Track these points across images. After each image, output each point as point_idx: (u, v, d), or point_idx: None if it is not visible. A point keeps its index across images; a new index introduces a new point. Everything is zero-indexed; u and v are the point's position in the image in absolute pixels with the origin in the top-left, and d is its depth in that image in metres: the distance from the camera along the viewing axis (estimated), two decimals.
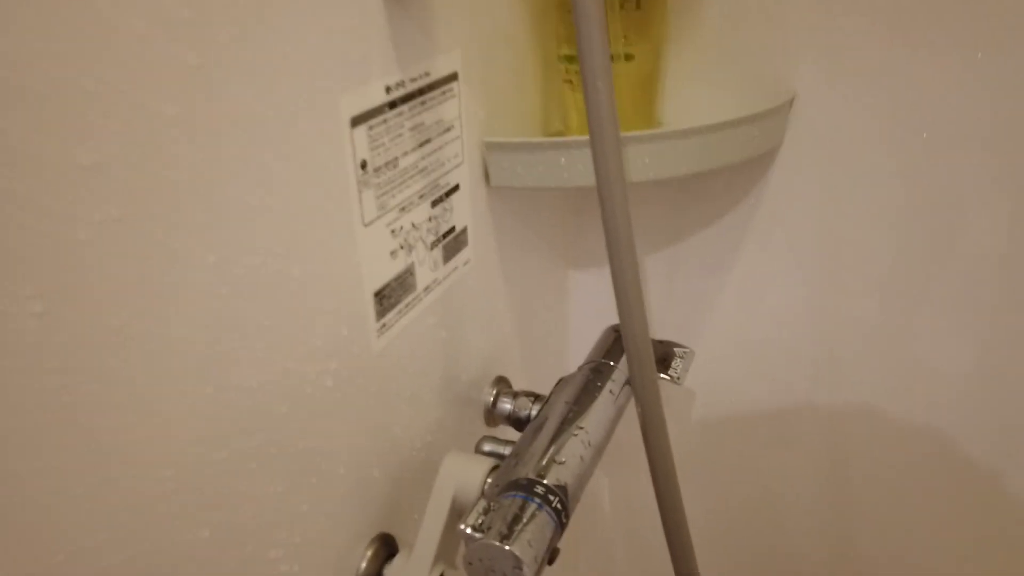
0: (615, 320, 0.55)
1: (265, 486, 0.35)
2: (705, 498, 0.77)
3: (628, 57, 0.55)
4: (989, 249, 0.57)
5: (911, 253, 0.60)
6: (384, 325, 0.42)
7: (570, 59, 0.55)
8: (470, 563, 0.38)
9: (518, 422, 0.54)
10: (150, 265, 0.27)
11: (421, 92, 0.42)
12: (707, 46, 0.58)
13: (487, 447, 0.50)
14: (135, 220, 0.26)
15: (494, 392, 0.56)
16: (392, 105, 0.39)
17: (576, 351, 0.75)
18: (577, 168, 0.49)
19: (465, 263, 0.50)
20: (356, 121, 0.37)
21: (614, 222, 0.37)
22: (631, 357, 0.41)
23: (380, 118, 0.39)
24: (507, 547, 0.36)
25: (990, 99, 0.53)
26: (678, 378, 0.50)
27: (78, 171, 0.24)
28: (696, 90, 0.60)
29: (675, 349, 0.52)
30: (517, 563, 0.36)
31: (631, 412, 0.49)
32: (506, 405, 0.55)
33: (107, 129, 0.25)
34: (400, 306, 0.43)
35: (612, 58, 0.54)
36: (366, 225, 0.39)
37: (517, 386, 0.58)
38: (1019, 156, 0.54)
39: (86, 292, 0.25)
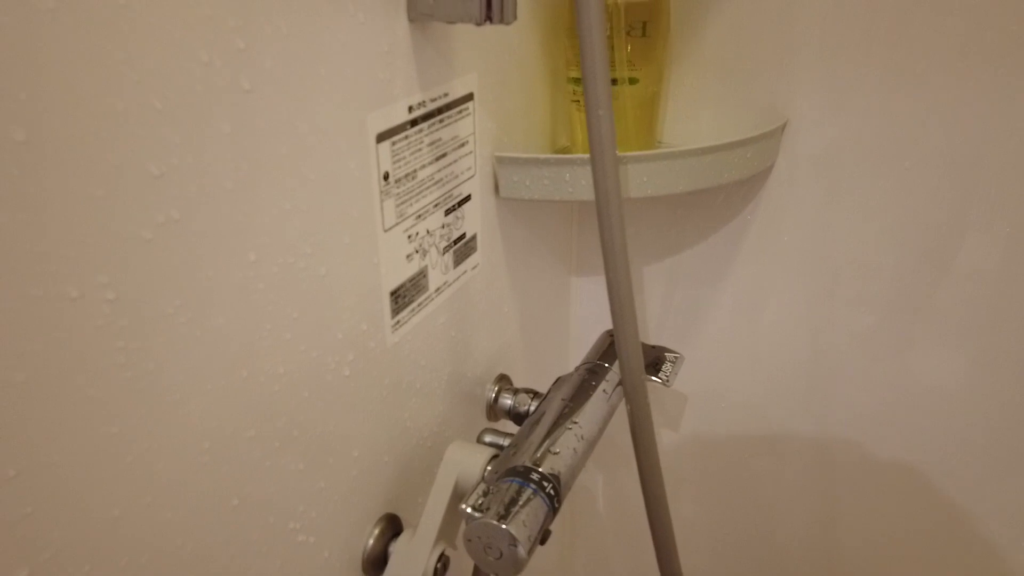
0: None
1: (287, 463, 0.39)
2: (697, 501, 0.81)
3: (632, 81, 0.59)
4: (979, 267, 0.61)
5: (902, 269, 0.63)
6: (398, 322, 0.46)
7: (577, 81, 0.59)
8: (469, 540, 0.41)
9: (518, 417, 0.58)
10: (200, 261, 0.31)
11: (440, 111, 0.46)
12: (707, 71, 0.62)
13: (488, 438, 0.54)
14: (190, 222, 0.30)
15: (496, 389, 0.60)
16: (414, 123, 0.43)
17: (576, 353, 0.79)
18: (580, 183, 0.53)
19: (474, 267, 0.54)
20: (381, 137, 0.41)
21: (610, 235, 0.41)
22: (622, 359, 0.45)
23: (402, 134, 0.43)
24: (504, 526, 0.40)
25: (972, 128, 0.56)
26: (667, 380, 0.54)
27: (149, 179, 0.28)
28: (696, 111, 0.64)
29: (666, 354, 0.56)
30: (512, 541, 0.40)
31: (624, 412, 0.52)
32: (507, 401, 0.59)
33: (172, 143, 0.29)
34: (413, 305, 0.47)
35: (617, 81, 0.58)
36: (386, 230, 0.43)
37: (518, 384, 0.62)
38: (1010, 179, 0.57)
39: (147, 283, 0.29)
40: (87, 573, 0.29)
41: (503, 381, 0.61)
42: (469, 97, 0.49)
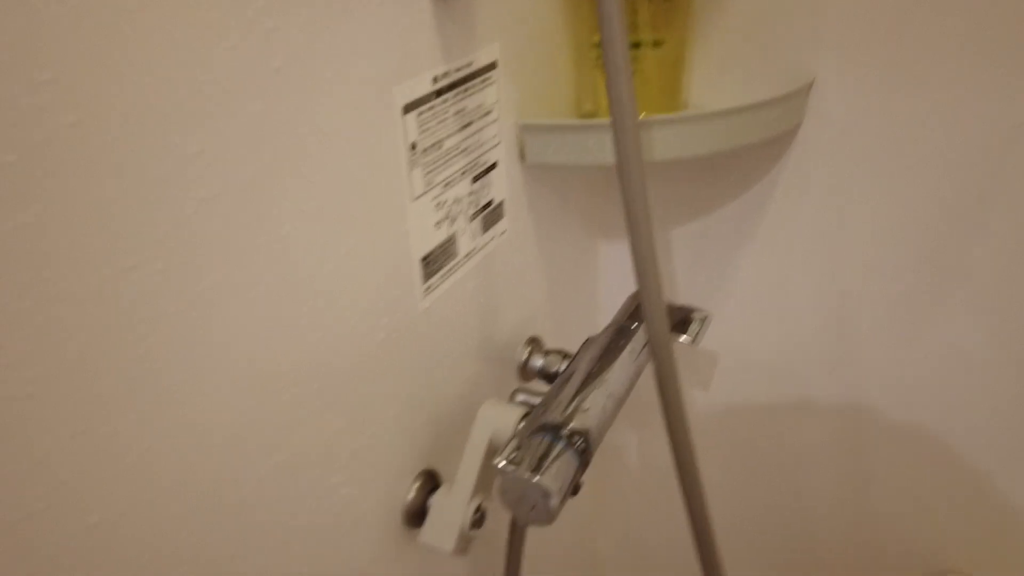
0: None
1: (328, 422, 0.42)
2: (724, 463, 0.82)
3: (657, 43, 0.59)
4: (1011, 229, 0.60)
5: (931, 236, 0.63)
6: (429, 287, 0.48)
7: (600, 46, 0.60)
8: (504, 492, 0.44)
9: (549, 377, 0.60)
10: (239, 234, 0.33)
11: (464, 80, 0.47)
12: (732, 32, 0.62)
13: (520, 397, 0.56)
14: (228, 197, 0.32)
15: (527, 350, 0.62)
16: (438, 93, 0.45)
17: (604, 314, 0.80)
18: (605, 148, 0.54)
19: (502, 233, 0.56)
20: (408, 108, 0.42)
21: (631, 195, 0.42)
22: (646, 318, 0.46)
23: (428, 105, 0.44)
24: (536, 479, 0.42)
25: (997, 97, 0.55)
26: (695, 339, 0.55)
27: (187, 158, 0.30)
28: (721, 72, 0.64)
29: (693, 313, 0.57)
30: (544, 492, 0.42)
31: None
32: (538, 361, 0.60)
33: (208, 122, 0.31)
34: (443, 271, 0.49)
35: (641, 44, 0.59)
36: (415, 199, 0.45)
37: (550, 345, 0.64)
38: None
39: (192, 254, 0.31)
40: (147, 525, 0.32)
41: (534, 343, 0.62)
42: (492, 66, 0.50)
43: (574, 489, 0.45)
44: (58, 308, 0.26)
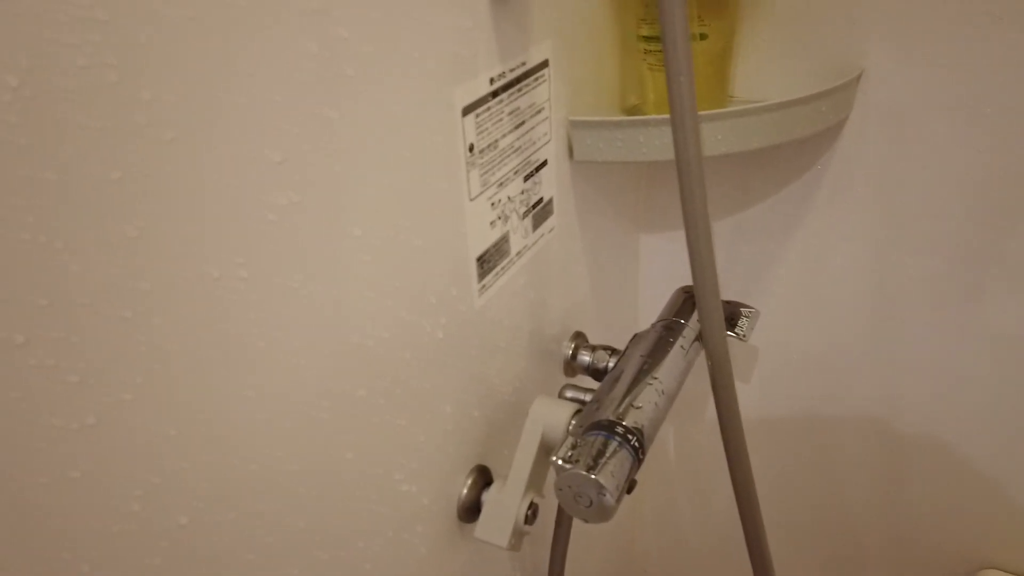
0: (682, 280, 0.61)
1: (392, 419, 0.42)
2: (762, 453, 0.82)
3: (703, 36, 0.59)
4: None
5: (976, 223, 0.63)
6: (484, 286, 0.49)
7: (648, 39, 0.59)
8: (560, 489, 0.44)
9: (596, 372, 0.60)
10: (317, 238, 0.34)
11: (518, 80, 0.47)
12: (778, 23, 0.62)
13: (569, 393, 0.56)
14: (308, 203, 0.33)
15: (573, 345, 0.62)
16: (495, 94, 0.45)
17: (645, 308, 0.80)
18: (654, 144, 0.54)
19: (551, 230, 0.56)
20: (466, 110, 0.43)
21: (691, 196, 0.42)
22: (703, 316, 0.46)
23: (485, 106, 0.44)
24: (593, 476, 0.43)
25: None
26: (744, 335, 0.55)
27: (271, 166, 0.31)
28: (767, 65, 0.63)
29: (742, 309, 0.57)
30: (602, 490, 0.43)
31: (698, 369, 0.54)
32: (585, 357, 0.61)
33: (290, 131, 0.31)
34: (497, 269, 0.50)
35: None
36: (472, 200, 0.45)
37: (592, 340, 0.64)
38: None
39: (274, 260, 0.32)
40: (232, 520, 0.32)
41: (579, 338, 0.63)
42: (545, 64, 0.50)
43: (629, 487, 0.46)
44: (155, 318, 0.27)
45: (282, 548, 0.36)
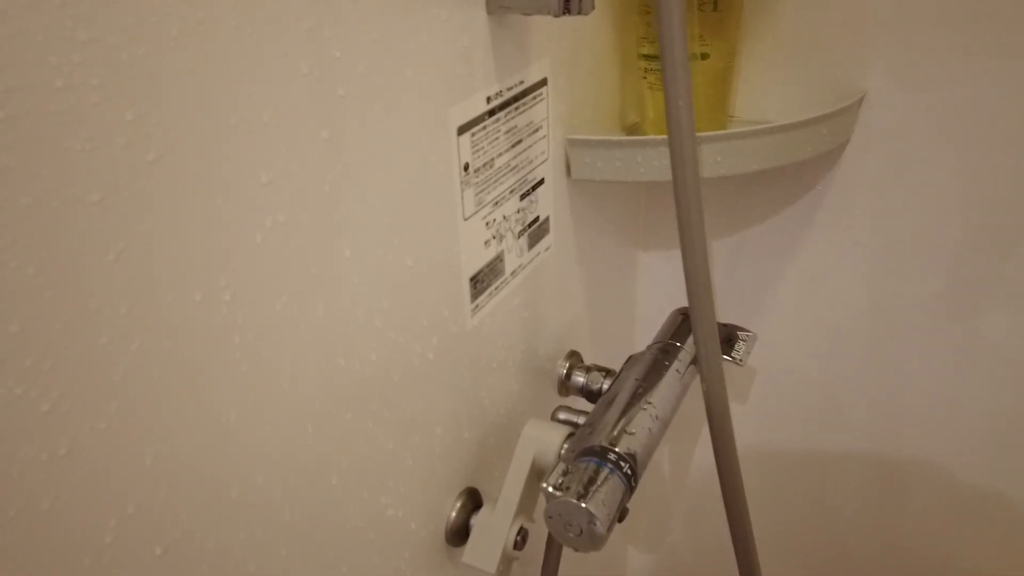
0: (680, 302, 0.60)
1: (380, 443, 0.41)
2: (759, 474, 0.81)
3: (704, 56, 0.58)
4: None
5: (973, 246, 0.62)
6: (477, 306, 0.48)
7: (648, 58, 0.59)
8: (550, 517, 0.43)
9: (590, 394, 0.59)
10: (304, 259, 0.33)
11: (515, 99, 0.46)
12: (781, 44, 0.61)
13: (562, 416, 0.55)
14: (295, 224, 0.32)
15: (567, 365, 0.61)
16: (491, 113, 0.44)
17: (641, 329, 0.79)
18: (652, 165, 0.53)
19: (546, 249, 0.55)
20: (462, 129, 0.42)
21: (687, 219, 0.41)
22: (699, 340, 0.45)
23: (481, 125, 0.44)
24: (583, 505, 0.42)
25: None
26: (740, 360, 0.54)
27: (257, 187, 0.30)
28: (769, 86, 0.63)
29: (739, 332, 0.56)
30: (592, 519, 0.42)
31: (693, 389, 0.53)
32: (579, 378, 0.60)
33: (278, 151, 0.30)
34: (491, 289, 0.49)
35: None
36: (466, 219, 0.44)
37: (587, 360, 0.64)
38: None
39: (259, 282, 0.31)
40: (212, 549, 0.32)
41: (574, 358, 0.62)
42: (543, 82, 0.49)
43: (621, 515, 0.45)
44: (133, 344, 0.26)
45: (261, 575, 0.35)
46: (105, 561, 0.27)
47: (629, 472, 0.45)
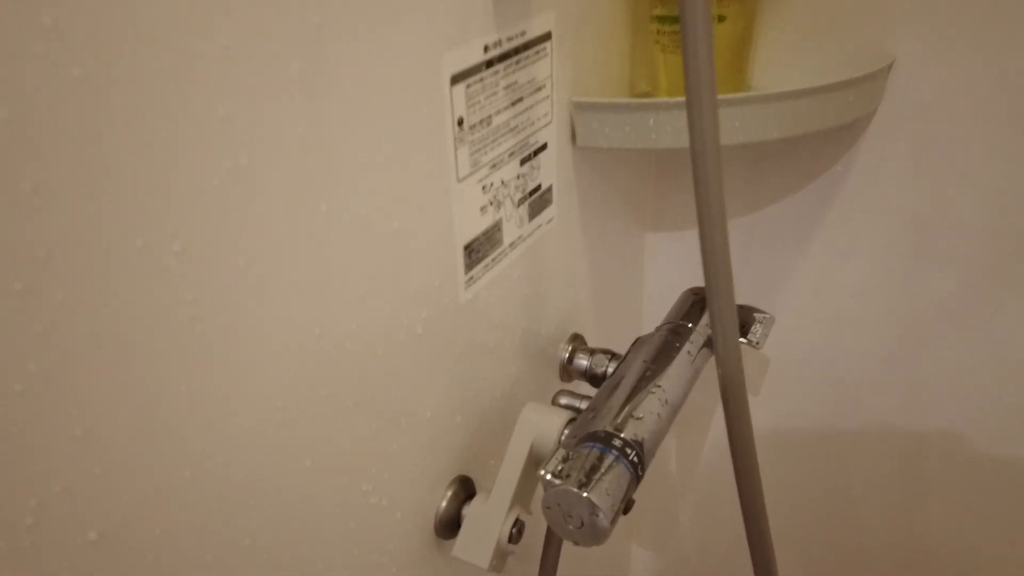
0: (689, 283, 0.56)
1: (361, 424, 0.38)
2: (773, 464, 0.77)
3: (720, 18, 0.54)
4: None
5: (1002, 233, 0.58)
6: (471, 278, 0.44)
7: (662, 19, 0.55)
8: (549, 508, 0.39)
9: (594, 378, 0.55)
10: (271, 210, 0.29)
11: (516, 51, 0.42)
12: (804, 5, 0.57)
13: (563, 400, 0.51)
14: (259, 168, 0.28)
15: (570, 348, 0.57)
16: (489, 64, 0.40)
17: (649, 311, 0.75)
18: (665, 130, 0.49)
19: (548, 221, 0.51)
20: (456, 79, 0.38)
21: (706, 185, 0.37)
22: (715, 318, 0.41)
23: (477, 76, 0.40)
24: (585, 494, 0.38)
25: None
26: (757, 343, 0.50)
27: (216, 122, 0.26)
28: (789, 52, 0.58)
29: (755, 315, 0.52)
30: (594, 510, 0.38)
31: (704, 376, 0.49)
32: (582, 361, 0.56)
33: (240, 82, 0.26)
34: (487, 260, 0.45)
35: None
36: (460, 181, 0.40)
37: (591, 343, 0.60)
38: None
39: (217, 234, 0.27)
40: (158, 537, 0.28)
41: (577, 340, 0.58)
42: (547, 37, 0.45)
43: (626, 507, 0.41)
44: (57, 293, 0.22)
45: (222, 568, 0.31)
46: (25, 545, 0.23)
47: (636, 460, 0.41)
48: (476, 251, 0.44)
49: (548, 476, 0.39)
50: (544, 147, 0.48)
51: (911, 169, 0.59)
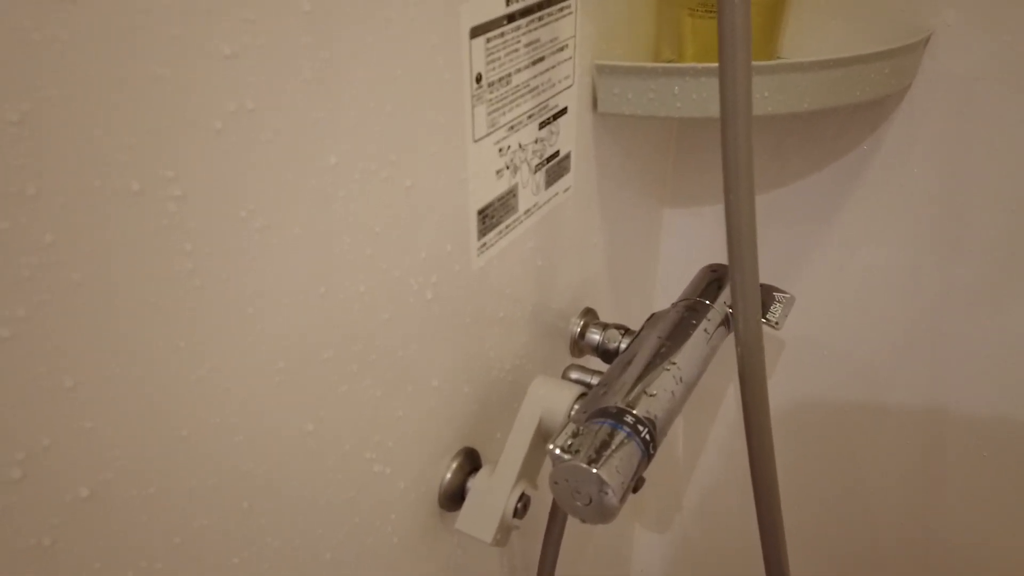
0: (704, 261, 0.54)
1: (365, 389, 0.36)
2: (787, 451, 0.76)
3: None
4: None
5: None
6: (484, 244, 0.42)
7: None
8: (556, 483, 0.38)
9: (606, 354, 0.54)
10: (277, 159, 0.28)
11: (539, 7, 0.40)
12: None
13: (574, 375, 0.50)
14: (265, 112, 0.27)
15: (582, 323, 0.56)
16: (511, 18, 0.38)
17: (663, 288, 0.74)
18: (690, 98, 0.47)
19: (565, 190, 0.49)
20: (475, 32, 0.36)
21: (735, 156, 0.35)
22: (736, 295, 0.40)
23: (498, 31, 0.38)
24: (594, 470, 0.37)
25: None
26: (777, 323, 0.49)
27: (220, 60, 0.24)
28: (821, 22, 0.56)
29: (775, 294, 0.51)
30: (604, 487, 0.37)
31: (719, 355, 0.48)
32: (595, 336, 0.55)
33: (246, 18, 0.25)
34: (501, 227, 0.43)
35: None
36: (476, 141, 0.39)
37: (603, 318, 0.58)
38: None
39: (219, 181, 0.26)
40: (151, 495, 0.27)
41: (589, 315, 0.57)
42: None
43: (636, 485, 0.40)
44: (47, 234, 0.21)
45: (218, 531, 0.30)
46: (13, 500, 0.22)
47: (647, 438, 0.39)
48: (490, 216, 0.42)
49: (557, 451, 0.38)
50: (564, 111, 0.46)
51: (944, 148, 0.57)
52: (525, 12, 0.39)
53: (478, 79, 0.37)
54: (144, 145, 0.23)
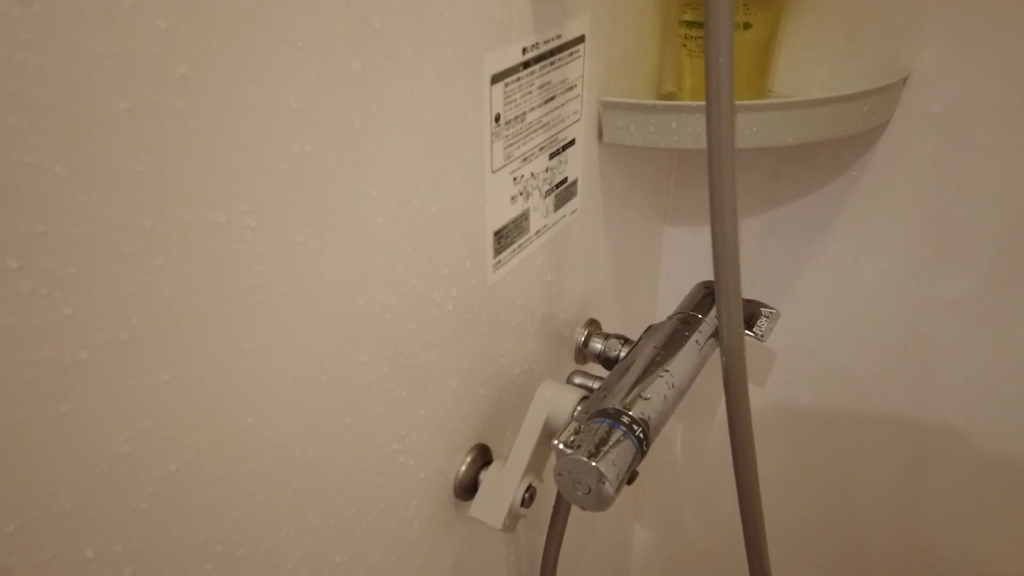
0: (704, 276, 0.59)
1: (394, 389, 0.42)
2: (777, 459, 0.81)
3: (746, 26, 0.57)
4: None
5: (1014, 238, 0.60)
6: (499, 262, 0.47)
7: (689, 24, 0.58)
8: (559, 474, 0.43)
9: (607, 361, 0.59)
10: (329, 193, 0.33)
11: (552, 53, 0.46)
12: (826, 17, 0.59)
13: (578, 380, 0.55)
14: (323, 156, 0.32)
15: (586, 332, 0.61)
16: (526, 65, 0.44)
17: (664, 302, 0.79)
18: (687, 132, 0.52)
19: (572, 212, 0.55)
20: (495, 78, 0.41)
21: (720, 187, 0.41)
22: (721, 310, 0.45)
23: (515, 76, 0.43)
24: (593, 464, 0.42)
25: None
26: (762, 336, 0.54)
27: (289, 114, 0.30)
28: (810, 61, 0.61)
29: (762, 309, 0.55)
30: (601, 478, 0.42)
31: (711, 364, 0.53)
32: (597, 345, 0.60)
33: (310, 79, 0.30)
34: (514, 246, 0.49)
35: None
36: (493, 171, 0.44)
37: (606, 329, 0.63)
38: None
39: (284, 212, 0.31)
40: (223, 473, 0.32)
41: (593, 325, 0.62)
42: (580, 39, 0.48)
43: (630, 477, 0.45)
44: (157, 259, 0.26)
45: (271, 507, 0.35)
46: (122, 471, 0.27)
47: (641, 436, 0.44)
48: (505, 237, 0.47)
49: (561, 446, 0.43)
50: (572, 142, 0.52)
51: (923, 176, 0.62)
52: (539, 59, 0.45)
53: (497, 118, 0.43)
54: (228, 187, 0.28)
